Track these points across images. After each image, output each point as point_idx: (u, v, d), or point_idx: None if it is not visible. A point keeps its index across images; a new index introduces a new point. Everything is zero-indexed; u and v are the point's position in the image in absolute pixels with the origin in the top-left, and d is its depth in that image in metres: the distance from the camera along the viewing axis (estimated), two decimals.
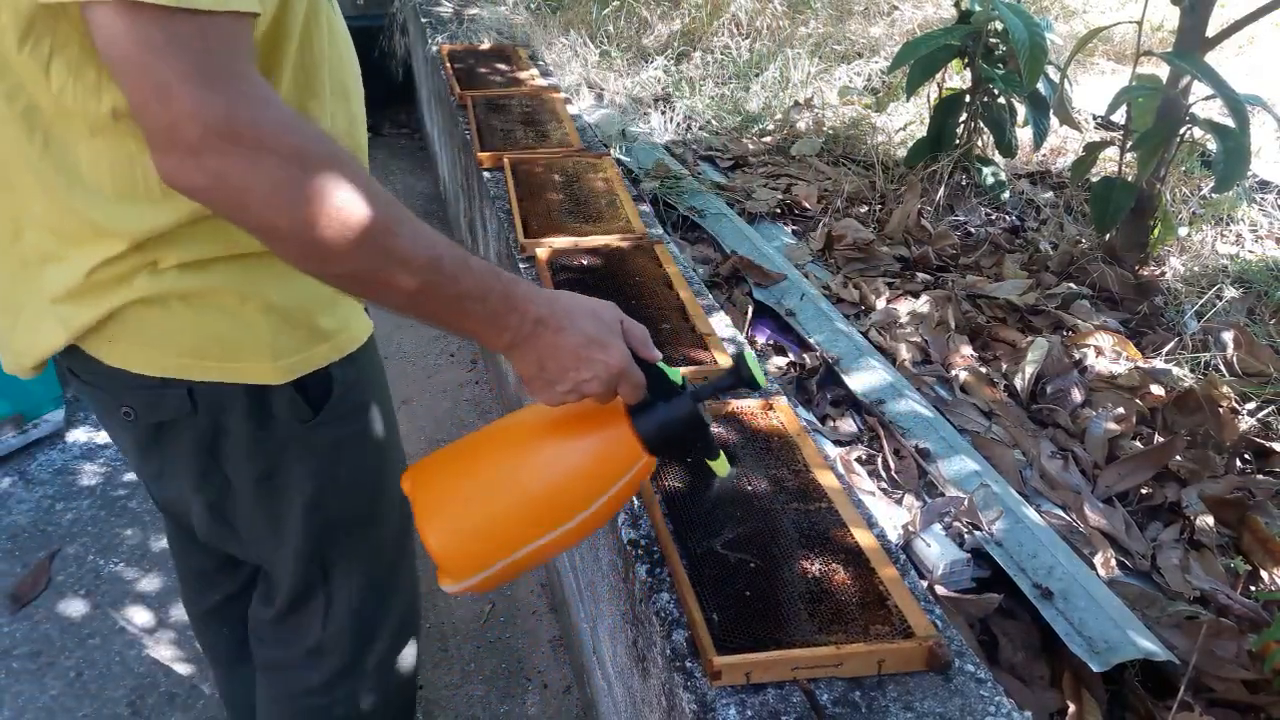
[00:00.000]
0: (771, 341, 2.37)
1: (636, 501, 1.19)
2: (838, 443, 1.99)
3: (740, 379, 0.89)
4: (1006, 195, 3.21)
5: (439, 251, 0.78)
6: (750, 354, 0.88)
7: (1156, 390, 2.15)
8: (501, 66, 2.92)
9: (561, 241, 1.79)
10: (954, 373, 2.25)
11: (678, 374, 0.90)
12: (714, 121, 3.90)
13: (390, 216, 0.75)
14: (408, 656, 1.30)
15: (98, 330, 0.91)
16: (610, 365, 0.85)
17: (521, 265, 1.78)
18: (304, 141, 0.70)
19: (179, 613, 1.96)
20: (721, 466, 0.95)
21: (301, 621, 1.17)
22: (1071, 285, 2.66)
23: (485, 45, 3.18)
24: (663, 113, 3.89)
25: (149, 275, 0.89)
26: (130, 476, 2.33)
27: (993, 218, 3.18)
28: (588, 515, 0.88)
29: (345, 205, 0.71)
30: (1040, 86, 2.96)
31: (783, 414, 1.32)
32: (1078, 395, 2.14)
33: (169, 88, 0.66)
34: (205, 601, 1.36)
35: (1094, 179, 2.97)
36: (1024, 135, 3.34)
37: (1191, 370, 2.27)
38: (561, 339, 0.84)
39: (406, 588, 1.28)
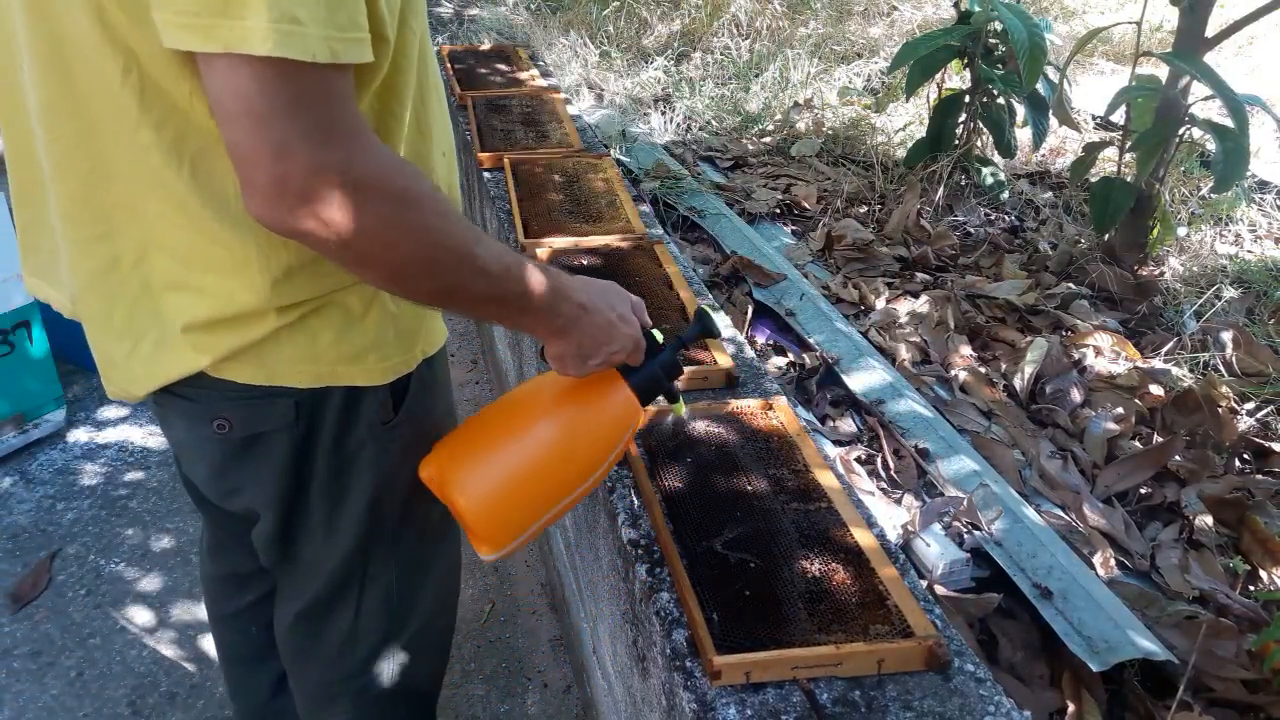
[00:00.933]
0: (771, 341, 2.37)
1: (636, 501, 1.20)
2: (838, 443, 1.99)
3: (705, 329, 1.05)
4: (1006, 195, 3.21)
5: (507, 261, 0.85)
6: (708, 309, 1.06)
7: (1156, 390, 2.16)
8: (501, 67, 2.93)
9: (561, 241, 1.79)
10: (953, 373, 2.25)
11: (658, 333, 1.04)
12: (714, 122, 3.90)
13: (469, 237, 0.81)
14: (444, 629, 1.31)
15: (233, 354, 0.90)
16: (633, 337, 0.97)
17: None
18: (404, 182, 0.75)
19: (180, 613, 1.96)
20: (680, 408, 1.11)
21: (332, 613, 1.17)
22: (1071, 285, 2.66)
23: (485, 46, 3.19)
24: (663, 113, 3.90)
25: (291, 305, 0.90)
26: (131, 476, 2.33)
27: (992, 218, 3.18)
28: (602, 470, 0.99)
29: (436, 234, 0.78)
30: (1039, 87, 2.96)
31: (783, 414, 1.32)
32: (1077, 395, 2.15)
33: (287, 144, 0.68)
34: (237, 603, 1.36)
35: (1093, 179, 2.97)
36: (1023, 135, 3.35)
37: (1190, 370, 2.27)
38: (598, 319, 0.95)
39: (444, 565, 1.27)
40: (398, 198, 0.74)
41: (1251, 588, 1.68)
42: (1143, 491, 1.89)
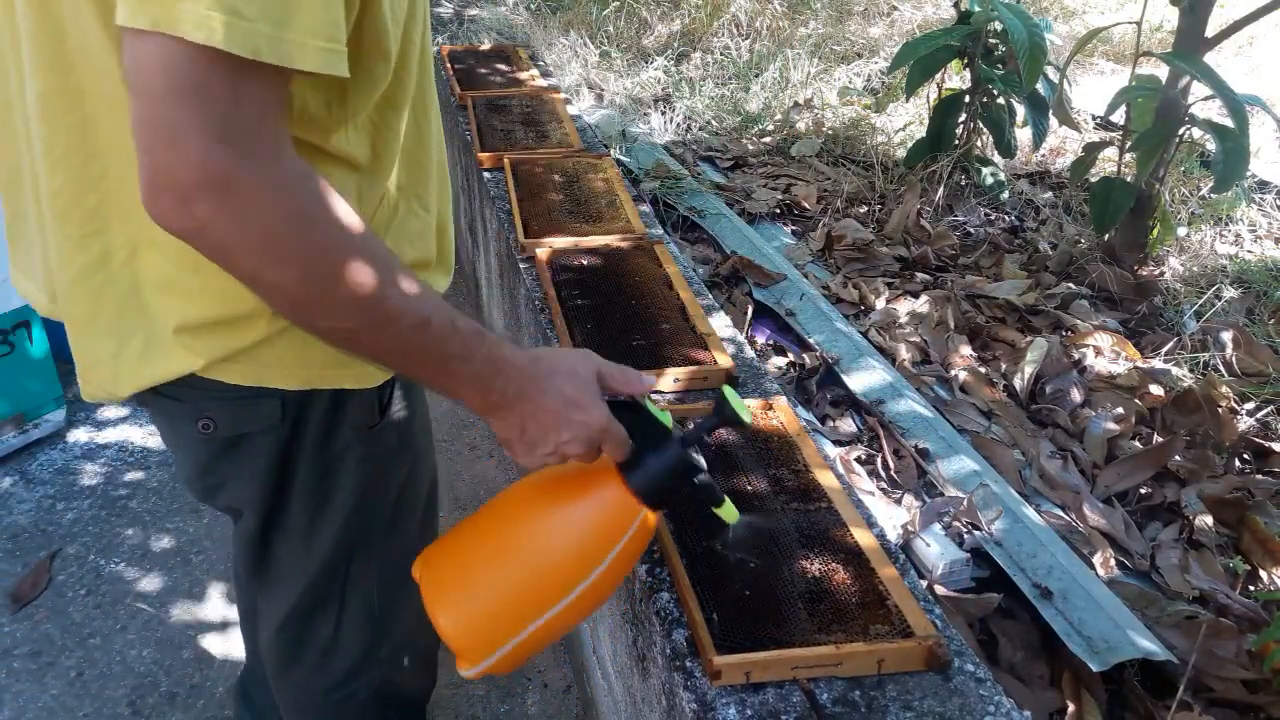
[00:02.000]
0: (771, 341, 2.37)
1: None
2: (838, 443, 1.99)
3: (724, 418, 0.86)
4: (1006, 195, 3.21)
5: (426, 314, 0.77)
6: (731, 391, 0.86)
7: (1155, 390, 2.16)
8: (501, 67, 2.93)
9: (561, 241, 1.79)
10: (953, 373, 2.25)
11: (667, 416, 0.89)
12: (714, 122, 3.90)
13: (381, 279, 0.73)
14: (428, 645, 1.30)
15: (226, 357, 0.89)
16: (590, 425, 0.84)
17: (521, 265, 1.78)
18: (304, 202, 0.69)
19: (180, 612, 1.96)
20: (729, 513, 0.90)
21: (313, 622, 1.15)
22: (1071, 285, 2.66)
23: (485, 46, 3.19)
24: (663, 113, 3.90)
25: None
26: (131, 476, 2.33)
27: (992, 218, 3.18)
28: (596, 579, 0.86)
29: (336, 267, 0.70)
30: (1039, 87, 2.96)
31: (783, 414, 1.32)
32: (1077, 395, 2.15)
33: (181, 134, 0.63)
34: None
35: (1093, 179, 2.97)
36: (1023, 135, 3.35)
37: (1190, 370, 2.27)
38: (543, 401, 0.84)
39: None
40: (289, 218, 0.68)
41: (1251, 588, 1.68)
42: (1143, 491, 1.89)
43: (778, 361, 2.28)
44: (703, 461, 0.87)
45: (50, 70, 0.80)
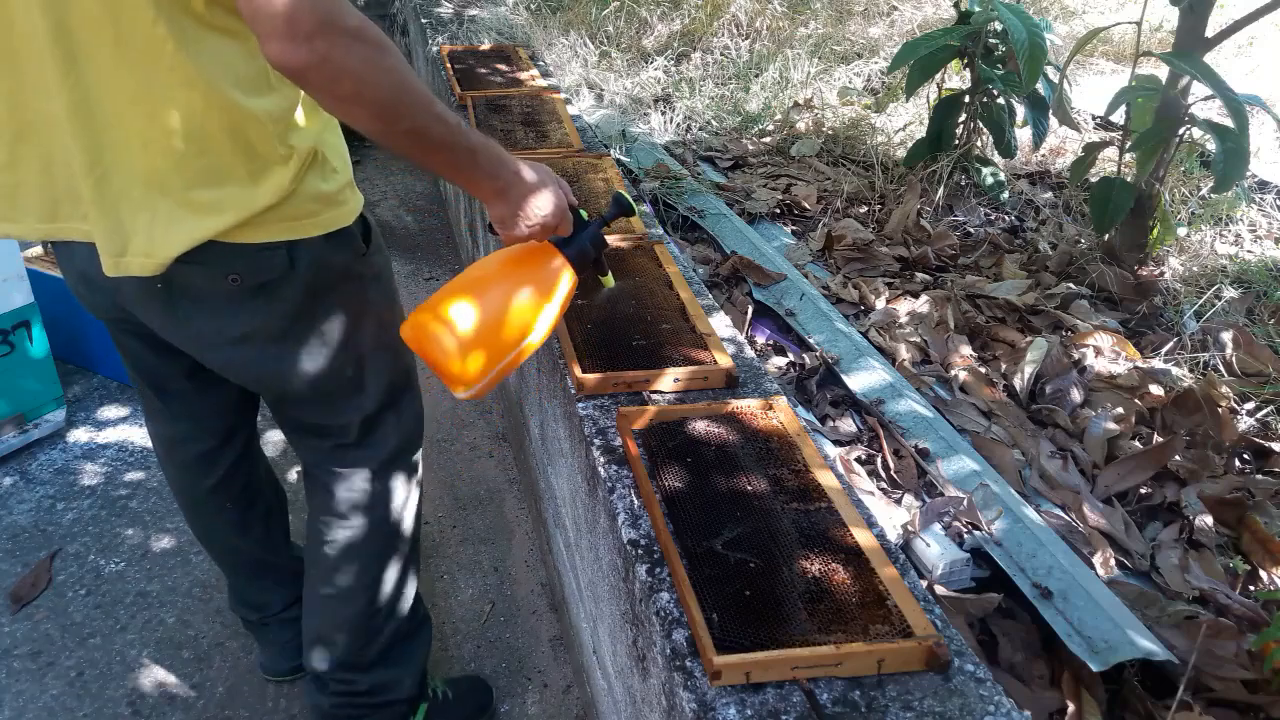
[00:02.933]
0: (771, 341, 2.37)
1: (636, 501, 1.20)
2: (838, 443, 1.99)
3: (621, 208, 1.31)
4: (1006, 195, 3.21)
5: (458, 118, 1.04)
6: (622, 191, 1.31)
7: (1156, 390, 2.15)
8: (502, 67, 2.93)
9: None
10: (953, 373, 2.25)
11: (584, 212, 1.28)
12: (714, 122, 3.90)
13: (427, 89, 0.99)
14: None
15: (249, 218, 1.07)
16: (561, 206, 1.21)
17: None
18: (378, 33, 0.93)
19: (180, 612, 1.96)
20: (609, 281, 1.42)
21: (377, 435, 1.38)
22: (1071, 285, 2.66)
23: (485, 46, 3.19)
24: (663, 113, 3.89)
25: (297, 155, 1.08)
26: (131, 476, 2.33)
27: (992, 218, 3.18)
28: (548, 322, 1.19)
29: (406, 78, 0.96)
30: (1039, 87, 2.96)
31: (783, 414, 1.32)
32: (1077, 395, 2.15)
33: None
34: (207, 481, 1.54)
35: (1093, 179, 2.97)
36: (1023, 135, 3.35)
37: (1190, 370, 2.27)
38: (534, 187, 1.16)
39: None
40: (377, 44, 0.92)
41: (1251, 588, 1.68)
42: (1143, 491, 1.89)
43: (778, 361, 2.28)
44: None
45: (46, 11, 0.96)
